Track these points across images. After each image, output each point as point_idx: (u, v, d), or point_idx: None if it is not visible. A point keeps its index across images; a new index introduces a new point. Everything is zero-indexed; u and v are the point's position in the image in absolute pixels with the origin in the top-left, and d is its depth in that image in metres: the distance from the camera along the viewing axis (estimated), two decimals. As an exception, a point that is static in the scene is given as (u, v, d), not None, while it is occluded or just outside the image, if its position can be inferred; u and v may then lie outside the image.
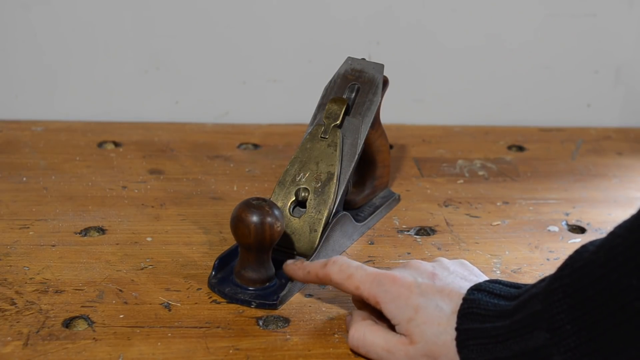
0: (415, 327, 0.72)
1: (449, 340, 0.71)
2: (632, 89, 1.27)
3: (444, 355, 0.71)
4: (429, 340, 0.71)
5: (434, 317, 0.72)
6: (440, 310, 0.72)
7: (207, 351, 0.77)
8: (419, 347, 0.72)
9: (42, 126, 1.17)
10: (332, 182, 0.89)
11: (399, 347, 0.73)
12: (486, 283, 0.73)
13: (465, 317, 0.71)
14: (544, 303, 0.66)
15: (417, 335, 0.72)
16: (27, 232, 0.93)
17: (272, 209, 0.80)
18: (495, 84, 1.25)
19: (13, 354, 0.75)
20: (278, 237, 0.81)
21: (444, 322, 0.72)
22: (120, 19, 1.18)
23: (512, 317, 0.69)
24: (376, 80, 0.91)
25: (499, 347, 0.68)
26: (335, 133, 0.90)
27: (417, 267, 0.77)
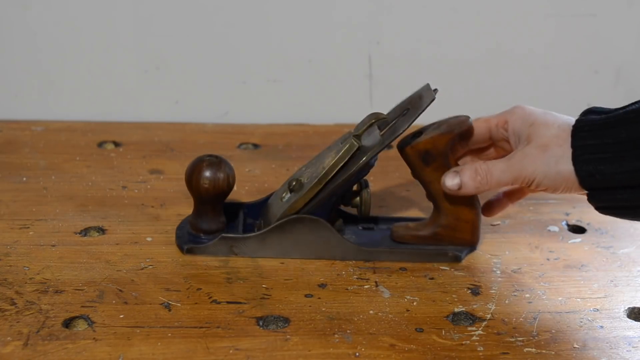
0: (535, 128, 0.84)
1: (561, 132, 0.82)
2: (632, 89, 1.27)
3: (553, 143, 0.82)
4: (543, 135, 0.83)
5: (551, 120, 0.84)
6: (557, 117, 0.84)
7: (207, 351, 0.77)
8: (534, 142, 0.83)
9: (42, 126, 1.17)
10: (314, 182, 0.89)
11: (515, 153, 0.84)
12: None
13: (585, 113, 0.83)
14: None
15: (534, 133, 0.84)
16: (27, 232, 0.93)
17: (223, 164, 0.89)
18: (495, 84, 1.25)
19: (13, 354, 0.75)
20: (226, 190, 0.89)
21: (558, 122, 0.83)
22: (120, 19, 1.18)
23: (625, 109, 0.80)
24: (417, 111, 0.89)
25: (607, 133, 0.79)
26: (348, 141, 0.89)
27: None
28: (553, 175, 0.82)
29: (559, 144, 0.82)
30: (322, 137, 1.19)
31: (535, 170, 0.82)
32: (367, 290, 0.87)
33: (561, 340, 0.80)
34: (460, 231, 0.90)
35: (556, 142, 0.82)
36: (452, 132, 0.87)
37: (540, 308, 0.85)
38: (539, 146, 0.82)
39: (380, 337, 0.79)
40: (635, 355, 0.79)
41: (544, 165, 0.82)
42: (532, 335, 0.81)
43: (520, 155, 0.84)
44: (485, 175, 0.85)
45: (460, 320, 0.83)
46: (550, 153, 0.82)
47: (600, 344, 0.80)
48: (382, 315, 0.83)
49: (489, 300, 0.86)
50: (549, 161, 0.82)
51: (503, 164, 0.84)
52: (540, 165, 0.82)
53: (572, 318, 0.83)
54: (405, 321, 0.82)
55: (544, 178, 0.82)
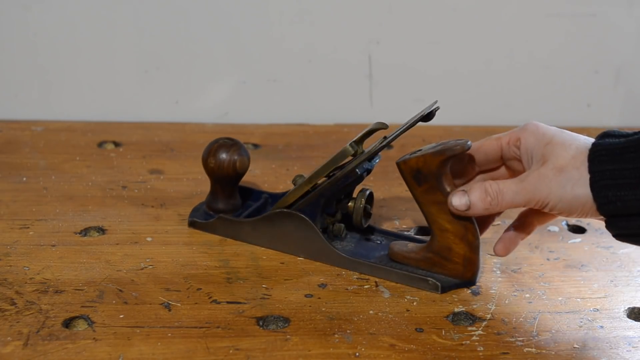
0: (550, 147, 0.80)
1: (578, 154, 0.78)
2: (632, 89, 1.27)
3: (570, 166, 0.78)
4: (559, 156, 0.79)
5: (568, 140, 0.80)
6: (574, 137, 0.81)
7: (207, 351, 0.77)
8: (549, 163, 0.79)
9: (42, 126, 1.17)
10: (305, 180, 0.90)
11: (529, 174, 0.80)
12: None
13: (602, 137, 0.79)
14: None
15: (550, 153, 0.80)
16: (27, 232, 0.93)
17: (234, 148, 0.92)
18: (495, 84, 1.25)
19: (13, 354, 0.75)
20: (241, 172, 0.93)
21: (575, 143, 0.80)
22: (120, 19, 1.18)
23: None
24: (405, 124, 0.87)
25: (627, 157, 0.75)
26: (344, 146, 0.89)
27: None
28: (569, 199, 0.78)
29: (576, 166, 0.78)
30: (322, 137, 1.19)
31: (551, 193, 0.78)
32: (367, 290, 0.87)
33: (561, 340, 0.80)
34: (452, 262, 0.85)
35: (573, 165, 0.78)
36: (444, 153, 0.82)
37: (540, 308, 0.85)
38: (555, 168, 0.79)
39: (380, 337, 0.79)
40: (635, 355, 0.79)
41: (559, 188, 0.78)
42: (532, 335, 0.81)
43: (534, 177, 0.80)
44: (496, 195, 0.81)
45: (460, 320, 0.83)
46: (566, 176, 0.78)
47: (600, 344, 0.80)
48: (382, 315, 0.83)
49: (489, 300, 0.86)
50: (565, 184, 0.78)
51: (516, 185, 0.80)
52: (555, 188, 0.78)
53: (572, 318, 0.83)
54: (405, 321, 0.82)
55: (558, 202, 0.78)
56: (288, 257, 0.92)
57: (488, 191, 0.82)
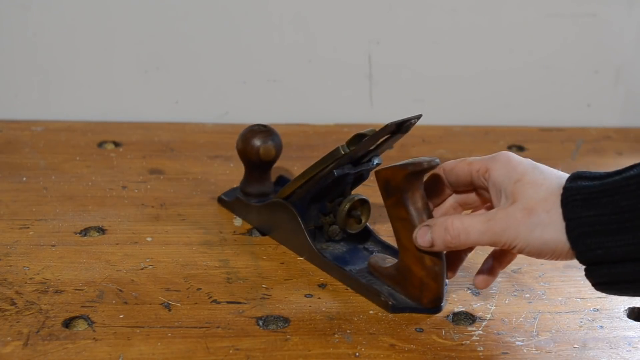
0: (520, 186, 0.75)
1: (549, 196, 0.73)
2: (632, 89, 1.27)
3: (540, 208, 0.73)
4: (529, 197, 0.74)
5: (539, 179, 0.75)
6: (546, 176, 0.75)
7: (207, 351, 0.77)
8: (518, 204, 0.74)
9: (42, 126, 1.17)
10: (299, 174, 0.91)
11: (497, 212, 0.76)
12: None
13: (574, 179, 0.74)
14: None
15: (520, 193, 0.75)
16: (27, 232, 0.93)
17: (262, 135, 0.95)
18: (495, 84, 1.25)
19: (13, 354, 0.75)
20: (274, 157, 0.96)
21: (547, 183, 0.74)
22: (120, 19, 1.18)
23: (622, 174, 0.71)
24: (378, 133, 0.86)
25: (603, 202, 0.70)
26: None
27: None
28: (538, 245, 0.73)
29: (546, 209, 0.73)
30: (322, 137, 1.19)
31: (518, 237, 0.74)
32: (367, 290, 0.87)
33: (561, 340, 0.80)
34: (411, 284, 0.82)
35: (543, 207, 0.73)
36: (407, 168, 0.80)
37: (540, 308, 0.85)
38: (525, 209, 0.74)
39: (380, 337, 0.79)
40: (635, 355, 0.79)
41: (528, 232, 0.73)
42: (532, 335, 0.81)
43: (502, 217, 0.75)
44: (458, 234, 0.77)
45: (460, 320, 0.83)
46: (536, 219, 0.73)
47: (600, 344, 0.80)
48: (382, 315, 0.83)
49: (489, 300, 0.86)
50: (533, 228, 0.73)
51: (482, 224, 0.76)
52: (523, 232, 0.73)
53: (572, 318, 0.83)
54: (405, 321, 0.82)
55: (526, 246, 0.74)
56: (288, 257, 0.92)
57: (448, 230, 0.78)
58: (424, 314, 0.83)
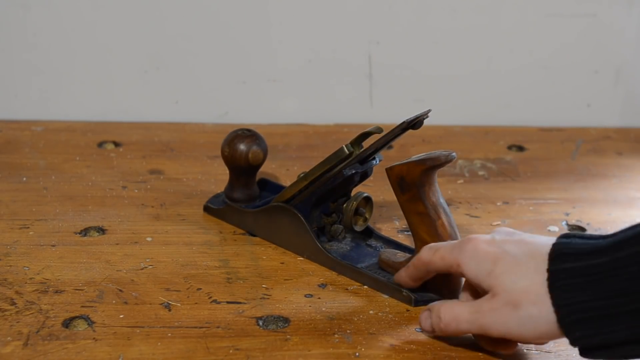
0: (494, 278, 0.72)
1: (531, 284, 0.69)
2: (632, 89, 1.27)
3: (525, 300, 0.70)
4: (508, 288, 0.70)
5: (513, 265, 0.71)
6: (518, 258, 0.71)
7: (207, 351, 0.77)
8: (500, 297, 0.71)
9: (42, 126, 1.17)
10: (302, 177, 0.90)
11: (483, 304, 0.73)
12: (573, 232, 0.72)
13: (557, 259, 0.69)
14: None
15: (497, 286, 0.71)
16: (27, 232, 0.93)
17: (248, 139, 0.94)
18: (495, 84, 1.25)
19: (13, 354, 0.75)
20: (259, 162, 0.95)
21: (523, 268, 0.70)
22: (120, 18, 1.18)
23: (612, 255, 0.67)
24: (391, 131, 0.86)
25: (594, 285, 0.66)
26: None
27: (497, 230, 0.77)
28: (532, 337, 0.71)
29: (533, 300, 0.69)
30: (322, 137, 1.19)
31: (511, 331, 0.72)
32: (367, 290, 0.87)
33: (561, 340, 0.80)
34: (432, 279, 0.83)
35: (528, 299, 0.70)
36: (425, 163, 0.81)
37: (540, 308, 0.85)
38: (509, 303, 0.71)
39: (380, 337, 0.79)
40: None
41: (519, 327, 0.71)
42: (532, 335, 0.81)
43: (487, 310, 0.72)
44: (449, 323, 0.75)
45: (460, 320, 0.82)
46: (523, 313, 0.70)
47: (600, 344, 0.80)
48: (382, 315, 0.83)
49: (489, 300, 0.86)
50: (524, 322, 0.70)
51: (470, 315, 0.74)
52: (514, 327, 0.71)
53: (572, 318, 0.83)
54: (405, 321, 0.82)
55: (520, 337, 0.72)
56: (288, 257, 0.92)
57: (441, 318, 0.76)
58: None
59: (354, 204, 0.90)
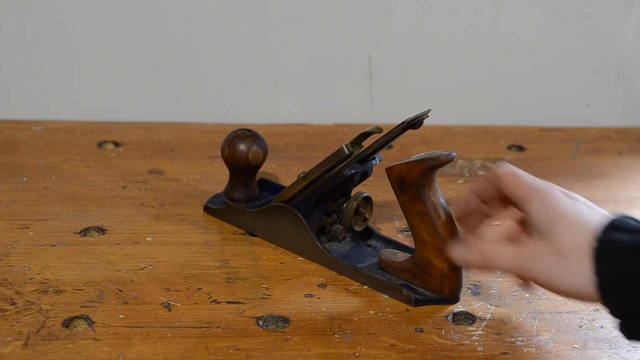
0: (554, 227, 0.73)
1: (583, 243, 0.71)
2: (632, 89, 1.27)
3: (572, 254, 0.72)
4: (562, 240, 0.72)
5: (576, 221, 0.73)
6: (584, 219, 0.73)
7: (207, 351, 0.77)
8: (551, 245, 0.73)
9: (42, 126, 1.17)
10: (302, 177, 0.90)
11: (531, 248, 0.74)
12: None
13: (608, 230, 0.71)
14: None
15: (554, 235, 0.73)
16: (27, 232, 0.93)
17: (248, 139, 0.94)
18: (495, 84, 1.25)
19: (13, 354, 0.75)
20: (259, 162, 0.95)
21: (583, 228, 0.72)
22: (120, 18, 1.18)
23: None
24: (391, 131, 0.86)
25: (638, 259, 0.68)
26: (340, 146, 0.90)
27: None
28: (565, 290, 0.73)
29: (578, 256, 0.71)
30: (322, 137, 1.19)
31: (549, 279, 0.73)
32: (367, 290, 0.87)
33: (561, 340, 0.80)
34: (431, 276, 0.84)
35: (575, 254, 0.72)
36: (425, 163, 0.81)
37: (540, 308, 0.85)
38: (556, 252, 0.73)
39: (380, 337, 0.79)
40: (635, 355, 0.79)
41: (557, 276, 0.73)
42: (532, 335, 0.81)
43: (532, 252, 0.75)
44: (491, 260, 0.77)
45: (460, 320, 0.83)
46: (566, 265, 0.72)
47: (600, 344, 0.80)
48: (382, 315, 0.83)
49: (489, 300, 0.86)
50: (562, 273, 0.72)
51: (513, 253, 0.76)
52: (554, 275, 0.73)
53: (572, 318, 0.83)
54: (405, 321, 0.82)
55: (553, 289, 0.74)
56: (288, 257, 0.92)
57: (483, 254, 0.78)
58: (445, 304, 0.84)
59: (354, 204, 0.90)
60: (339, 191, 0.91)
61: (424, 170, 0.82)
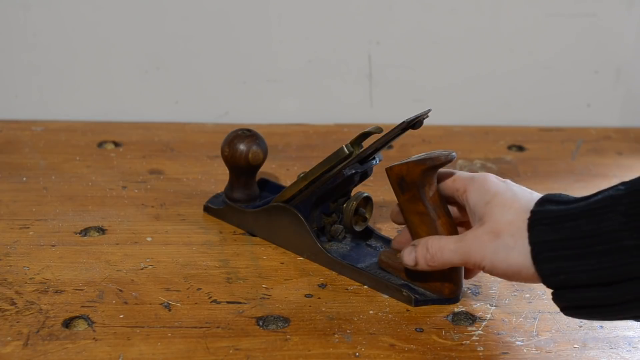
0: (489, 208, 0.77)
1: (516, 219, 0.74)
2: (632, 89, 1.27)
3: (505, 231, 0.74)
4: (496, 219, 0.76)
5: (509, 200, 0.76)
6: (516, 197, 0.76)
7: (207, 351, 0.77)
8: (486, 226, 0.76)
9: (42, 126, 1.17)
10: (302, 177, 0.90)
11: (468, 233, 0.78)
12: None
13: (542, 203, 0.74)
14: (628, 189, 0.70)
15: (488, 215, 0.76)
16: (27, 232, 0.93)
17: (248, 139, 0.94)
18: (495, 84, 1.25)
19: (13, 354, 0.75)
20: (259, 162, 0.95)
21: (515, 206, 0.75)
22: (120, 19, 1.18)
23: (587, 199, 0.72)
24: (391, 131, 0.86)
25: (568, 225, 0.71)
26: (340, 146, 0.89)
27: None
28: (502, 267, 0.75)
29: (512, 232, 0.74)
30: (322, 137, 1.19)
31: (485, 258, 0.76)
32: (367, 290, 0.87)
33: (561, 340, 0.80)
34: (431, 276, 0.84)
35: (509, 230, 0.74)
36: (425, 162, 0.81)
37: (540, 308, 0.85)
38: (491, 232, 0.75)
39: (380, 337, 0.79)
40: (635, 355, 0.79)
41: (492, 254, 0.75)
42: (532, 335, 0.81)
43: (470, 237, 0.77)
44: (435, 253, 0.80)
45: (460, 320, 0.83)
46: (501, 242, 0.74)
47: (600, 344, 0.80)
48: (382, 315, 0.83)
49: (489, 300, 0.86)
50: (498, 251, 0.74)
51: (454, 244, 0.78)
52: (489, 254, 0.75)
53: (572, 318, 0.83)
54: (405, 321, 0.82)
55: (492, 268, 0.76)
56: (288, 257, 0.92)
57: (429, 249, 0.80)
58: (444, 304, 0.84)
59: (354, 204, 0.90)
60: (339, 191, 0.91)
61: (424, 170, 0.82)
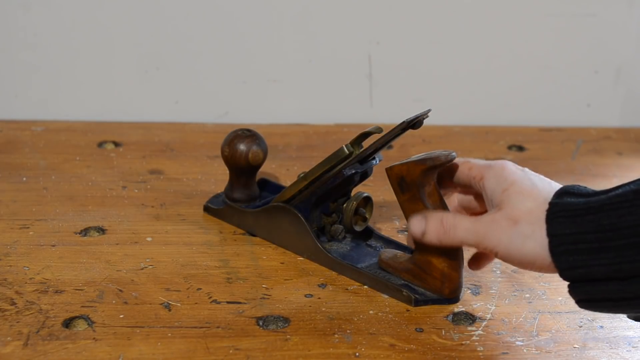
0: (507, 195, 0.76)
1: (535, 208, 0.74)
2: (632, 89, 1.27)
3: (524, 219, 0.74)
4: (514, 206, 0.75)
5: (527, 188, 0.76)
6: (534, 186, 0.76)
7: (207, 351, 0.77)
8: (504, 212, 0.76)
9: (42, 126, 1.17)
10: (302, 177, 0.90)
11: (485, 216, 0.77)
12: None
13: (561, 195, 0.74)
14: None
15: (506, 202, 0.76)
16: (27, 232, 0.93)
17: (249, 139, 0.94)
18: (495, 84, 1.25)
19: (13, 354, 0.75)
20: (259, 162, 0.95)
21: (534, 195, 0.75)
22: (120, 18, 1.18)
23: (607, 193, 0.71)
24: (391, 131, 0.86)
25: (587, 219, 0.71)
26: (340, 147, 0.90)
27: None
28: (517, 255, 0.75)
29: (530, 221, 0.74)
30: (322, 137, 1.19)
31: (500, 243, 0.75)
32: (367, 290, 0.87)
33: (561, 340, 0.80)
34: (431, 276, 0.84)
35: (527, 219, 0.74)
36: (425, 163, 0.81)
37: (540, 308, 0.85)
38: (509, 218, 0.75)
39: (380, 337, 0.79)
40: (635, 355, 0.79)
41: (508, 241, 0.75)
42: (532, 335, 0.81)
43: (488, 221, 0.77)
44: (449, 229, 0.79)
45: (460, 320, 0.83)
46: (518, 229, 0.74)
47: (600, 344, 0.80)
48: (382, 315, 0.83)
49: (489, 300, 0.86)
50: (515, 238, 0.74)
51: (471, 223, 0.78)
52: (505, 239, 0.75)
53: (572, 318, 0.83)
54: (405, 321, 0.82)
55: (506, 254, 0.75)
56: (288, 257, 0.92)
57: (443, 222, 0.79)
58: (444, 304, 0.84)
59: (354, 204, 0.90)
60: (339, 191, 0.91)
61: (424, 170, 0.82)
